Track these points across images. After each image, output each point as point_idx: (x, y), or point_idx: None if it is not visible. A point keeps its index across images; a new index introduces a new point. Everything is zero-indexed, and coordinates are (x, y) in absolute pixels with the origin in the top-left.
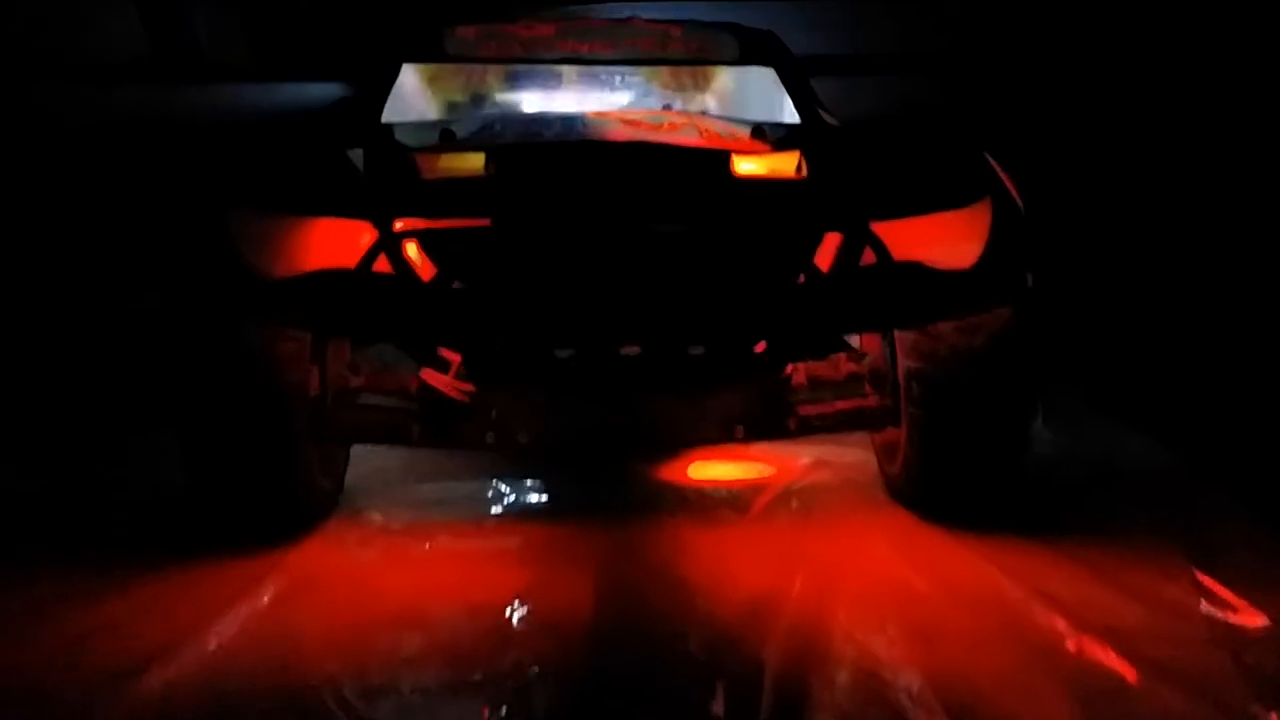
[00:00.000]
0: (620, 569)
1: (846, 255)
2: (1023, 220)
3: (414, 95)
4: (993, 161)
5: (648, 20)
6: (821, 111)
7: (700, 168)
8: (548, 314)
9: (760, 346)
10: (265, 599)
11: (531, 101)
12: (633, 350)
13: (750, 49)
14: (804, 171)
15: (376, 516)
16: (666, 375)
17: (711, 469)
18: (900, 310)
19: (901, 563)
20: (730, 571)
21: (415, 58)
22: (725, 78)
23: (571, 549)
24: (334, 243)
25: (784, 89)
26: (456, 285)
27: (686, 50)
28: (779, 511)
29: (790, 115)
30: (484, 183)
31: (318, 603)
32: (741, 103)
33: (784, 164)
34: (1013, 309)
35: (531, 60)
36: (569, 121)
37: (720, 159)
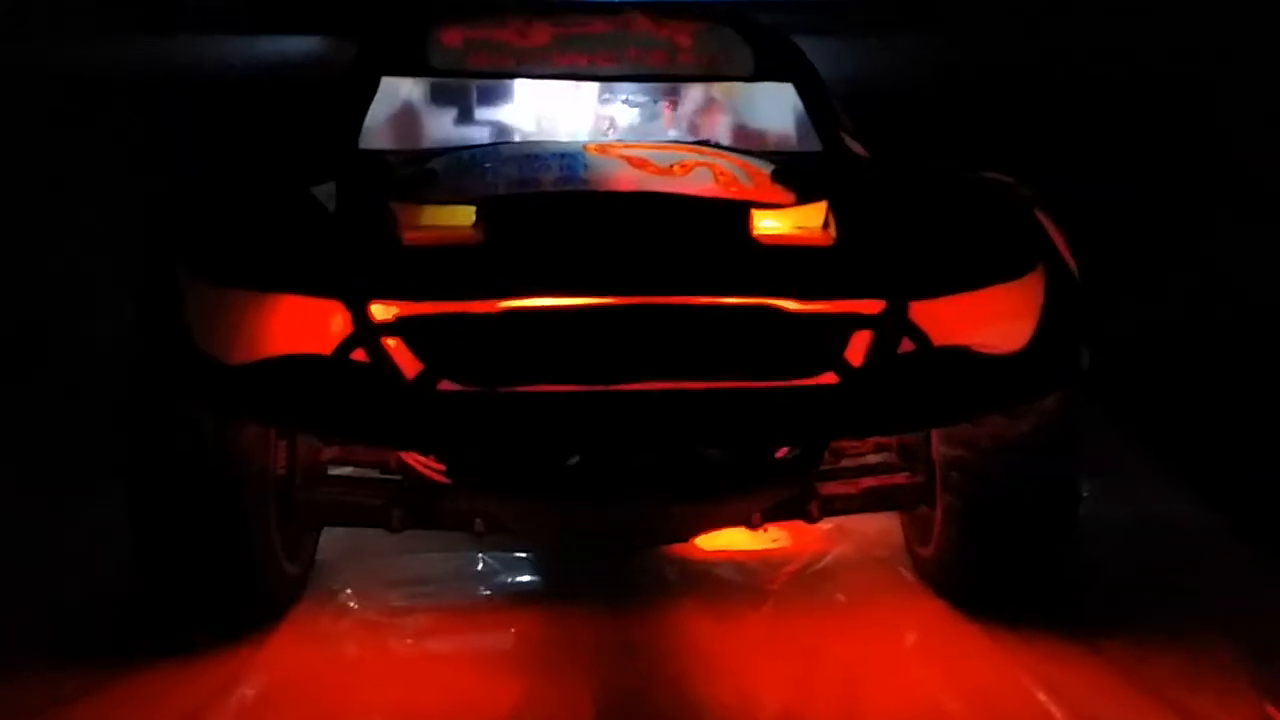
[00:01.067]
0: (624, 676)
1: (882, 344)
2: (1078, 289)
3: (395, 109)
4: (1043, 217)
5: (647, 15)
6: (845, 136)
7: (717, 231)
8: (549, 425)
9: (783, 452)
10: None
11: (527, 118)
12: (643, 456)
13: (766, 60)
14: (832, 230)
15: (351, 602)
16: (679, 485)
17: (721, 537)
18: (944, 410)
19: (933, 671)
20: (745, 679)
21: (395, 69)
22: (739, 90)
23: (570, 646)
24: (301, 321)
25: (804, 108)
26: (444, 384)
27: (697, 64)
28: (797, 597)
29: (810, 138)
30: (473, 253)
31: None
32: (757, 119)
33: (810, 218)
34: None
35: (526, 75)
36: (569, 162)
37: (739, 217)
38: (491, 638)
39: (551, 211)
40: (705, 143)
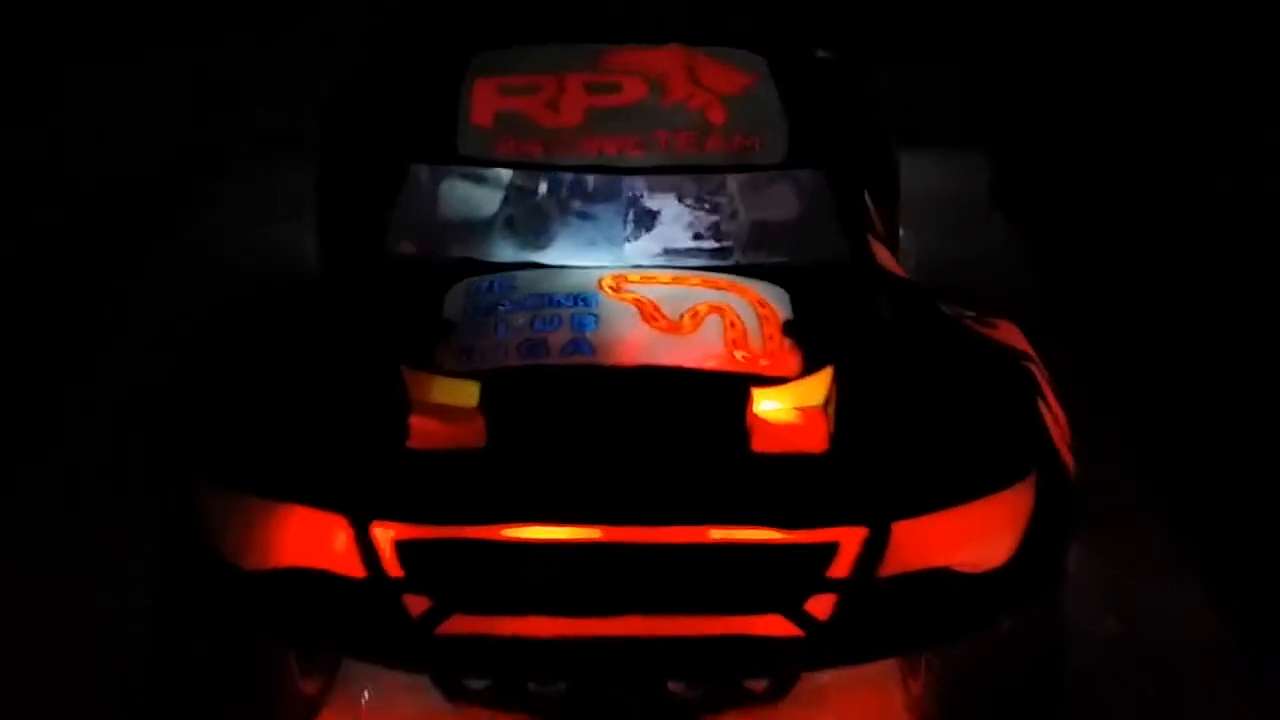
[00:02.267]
0: None
1: (861, 572)
2: (1071, 491)
3: (421, 198)
4: (1045, 408)
5: (685, 62)
6: (872, 240)
7: (713, 441)
8: (538, 663)
9: (760, 688)
10: None
11: (556, 212)
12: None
13: (801, 139)
14: (827, 421)
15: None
16: (655, 713)
17: None
18: (921, 637)
19: None
20: None
21: (424, 156)
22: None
23: None
24: (309, 531)
25: (834, 204)
26: (441, 612)
27: (726, 149)
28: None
29: (838, 242)
30: (472, 464)
31: None
32: (787, 209)
33: (811, 395)
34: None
35: (551, 166)
36: (580, 316)
37: (737, 410)
38: None
39: (548, 408)
40: (727, 254)
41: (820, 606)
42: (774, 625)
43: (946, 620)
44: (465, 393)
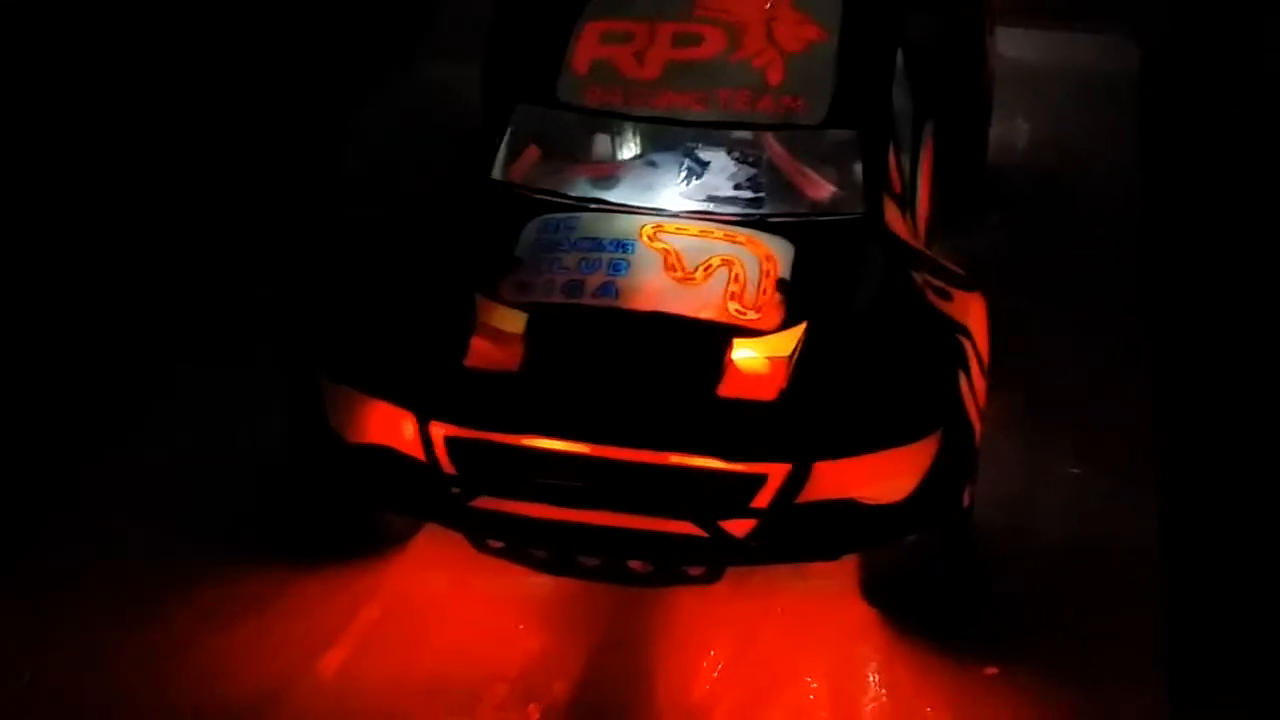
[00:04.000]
0: (616, 629)
1: (784, 497)
2: (973, 445)
3: (528, 135)
4: (964, 377)
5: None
6: (888, 199)
7: (689, 384)
8: (537, 535)
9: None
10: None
11: (621, 168)
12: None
13: (843, 100)
14: (788, 369)
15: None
16: (612, 579)
17: None
18: (828, 548)
19: None
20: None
21: (528, 96)
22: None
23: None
24: (388, 419)
25: (859, 158)
26: (472, 492)
27: (775, 109)
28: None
29: (856, 199)
30: (509, 385)
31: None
32: (821, 163)
33: (781, 347)
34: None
35: (626, 117)
36: (617, 261)
37: (716, 357)
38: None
39: (571, 342)
40: (760, 204)
41: (745, 524)
42: (722, 529)
43: (847, 539)
44: (515, 321)
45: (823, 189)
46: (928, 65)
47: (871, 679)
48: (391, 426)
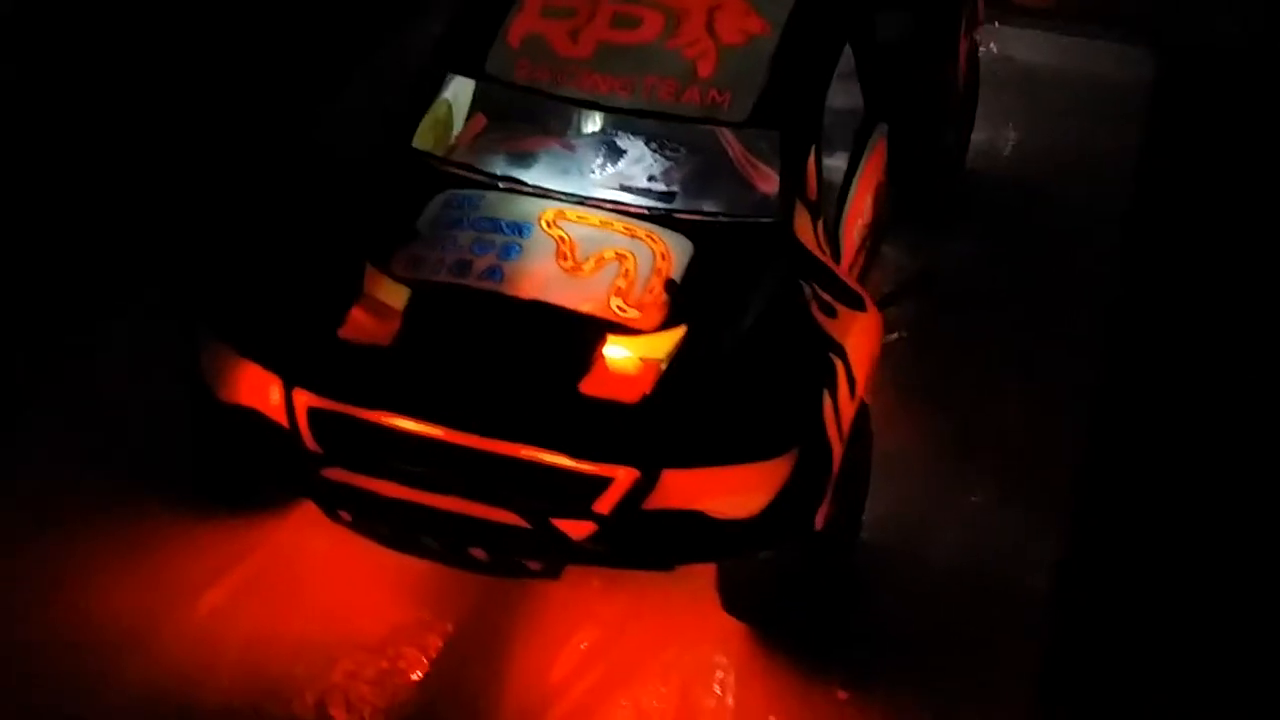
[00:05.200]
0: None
1: (630, 501)
2: (829, 467)
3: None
4: (829, 398)
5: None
6: (800, 205)
7: (554, 378)
8: (387, 515)
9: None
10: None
11: (540, 148)
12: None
13: (770, 97)
14: (656, 373)
15: None
16: (454, 562)
17: None
18: (670, 558)
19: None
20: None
21: (457, 67)
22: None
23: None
24: (259, 380)
25: (778, 160)
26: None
27: (700, 104)
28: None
29: (771, 203)
30: (377, 360)
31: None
32: (743, 164)
33: (656, 349)
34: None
35: (553, 95)
36: (510, 244)
37: (587, 351)
38: None
39: (445, 323)
40: (671, 198)
41: (586, 525)
42: (554, 527)
43: (692, 550)
44: (398, 296)
45: (741, 188)
46: (888, 65)
47: (716, 687)
48: (260, 389)
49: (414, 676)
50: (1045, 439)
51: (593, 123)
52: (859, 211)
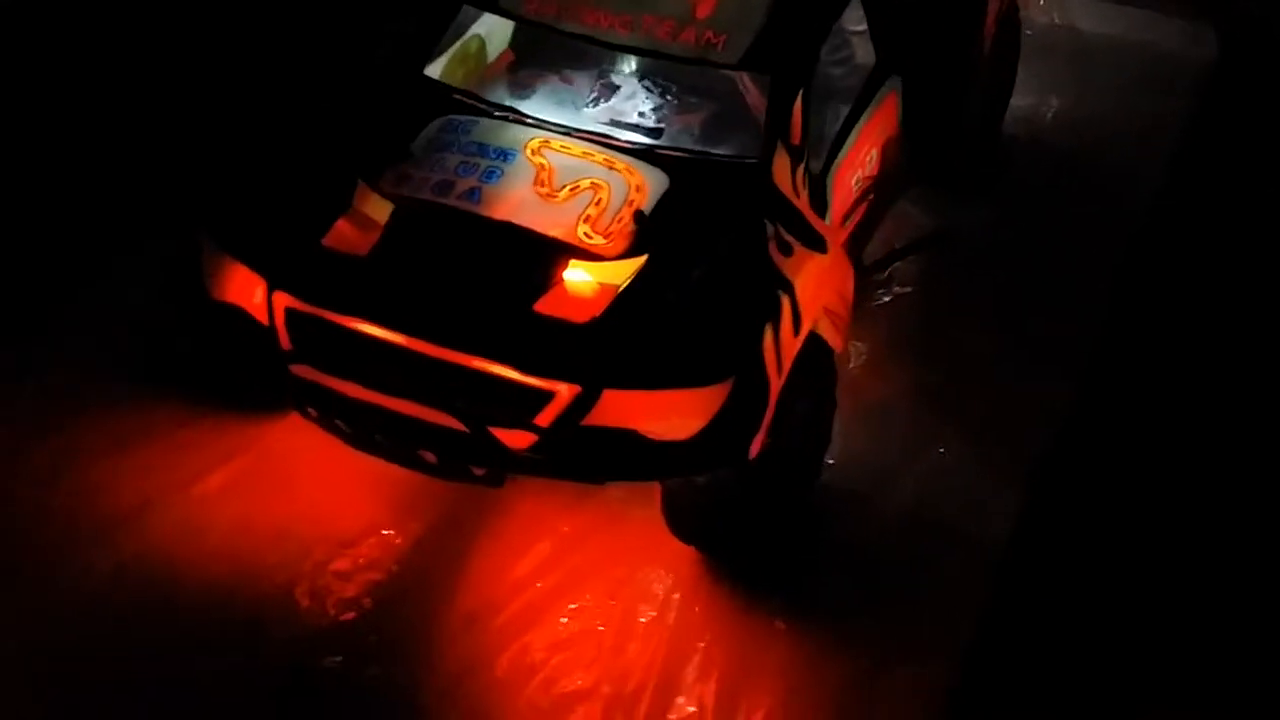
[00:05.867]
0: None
1: (570, 417)
2: (765, 399)
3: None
4: (771, 332)
5: None
6: (782, 147)
7: (514, 295)
8: (347, 412)
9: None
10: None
11: (538, 79)
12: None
13: (767, 40)
14: (611, 295)
15: None
16: (407, 461)
17: None
18: (607, 474)
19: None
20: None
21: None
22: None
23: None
24: (246, 280)
25: (769, 106)
26: (296, 359)
27: (696, 44)
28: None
29: (755, 144)
30: (354, 270)
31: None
32: (734, 107)
33: (616, 275)
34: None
35: (557, 29)
36: (493, 168)
37: (552, 270)
38: None
39: (420, 238)
40: (658, 134)
41: (527, 436)
42: (493, 435)
43: (626, 467)
44: (382, 210)
45: (726, 129)
46: (904, 19)
47: (656, 607)
48: (247, 290)
49: (376, 573)
50: (1025, 405)
51: (594, 58)
52: (858, 163)
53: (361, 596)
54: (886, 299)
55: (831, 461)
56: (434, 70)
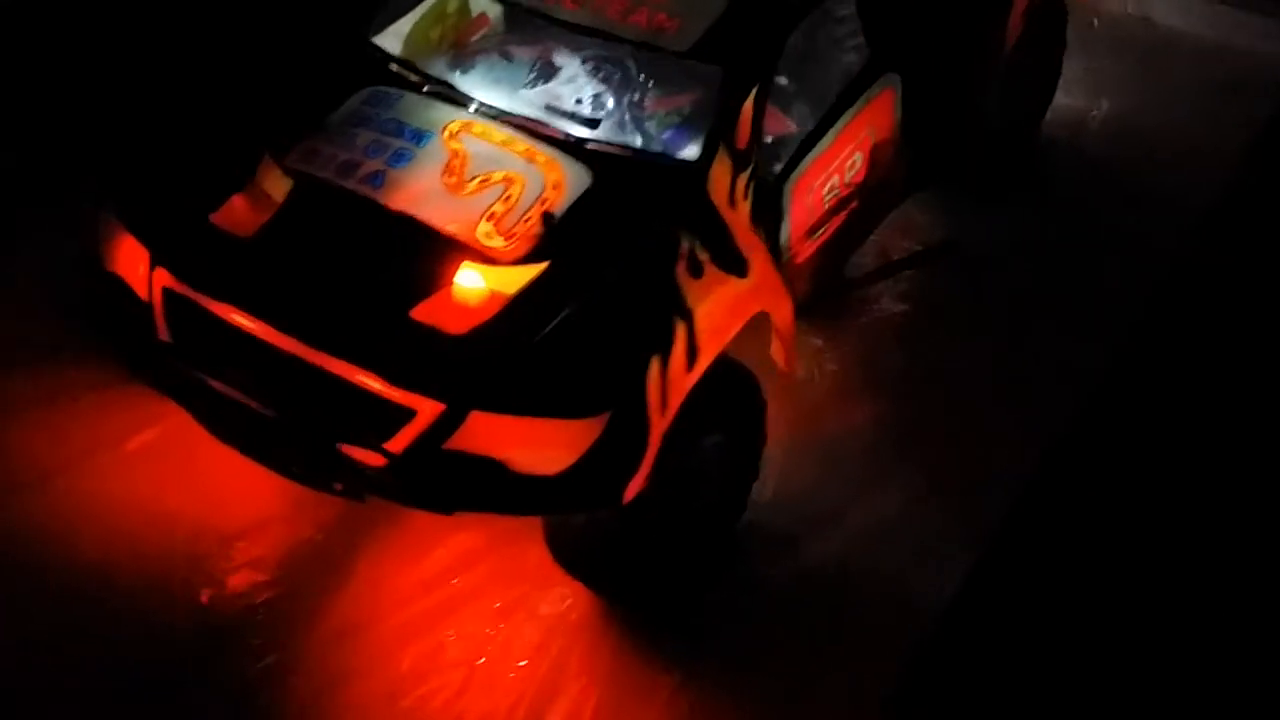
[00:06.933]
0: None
1: (434, 433)
2: (645, 437)
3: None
4: (658, 365)
5: None
6: (724, 149)
7: (391, 301)
8: (202, 392)
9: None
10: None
11: (480, 54)
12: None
13: (719, 32)
14: (501, 303)
15: None
16: (271, 463)
17: None
18: (465, 504)
19: None
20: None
21: None
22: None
23: None
24: (135, 252)
25: (713, 100)
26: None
27: (647, 27)
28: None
29: (696, 142)
30: (236, 252)
31: None
32: (679, 95)
33: (509, 282)
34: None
35: (507, 1)
36: (404, 150)
37: (441, 270)
38: None
39: (311, 222)
40: (594, 125)
41: (381, 455)
42: (351, 451)
43: (485, 499)
44: (281, 188)
45: (666, 125)
46: (904, 11)
47: (540, 633)
48: (132, 262)
49: (261, 570)
50: (1002, 454)
51: (533, 34)
52: (835, 169)
53: (243, 591)
54: (864, 319)
55: (759, 499)
56: (402, 28)
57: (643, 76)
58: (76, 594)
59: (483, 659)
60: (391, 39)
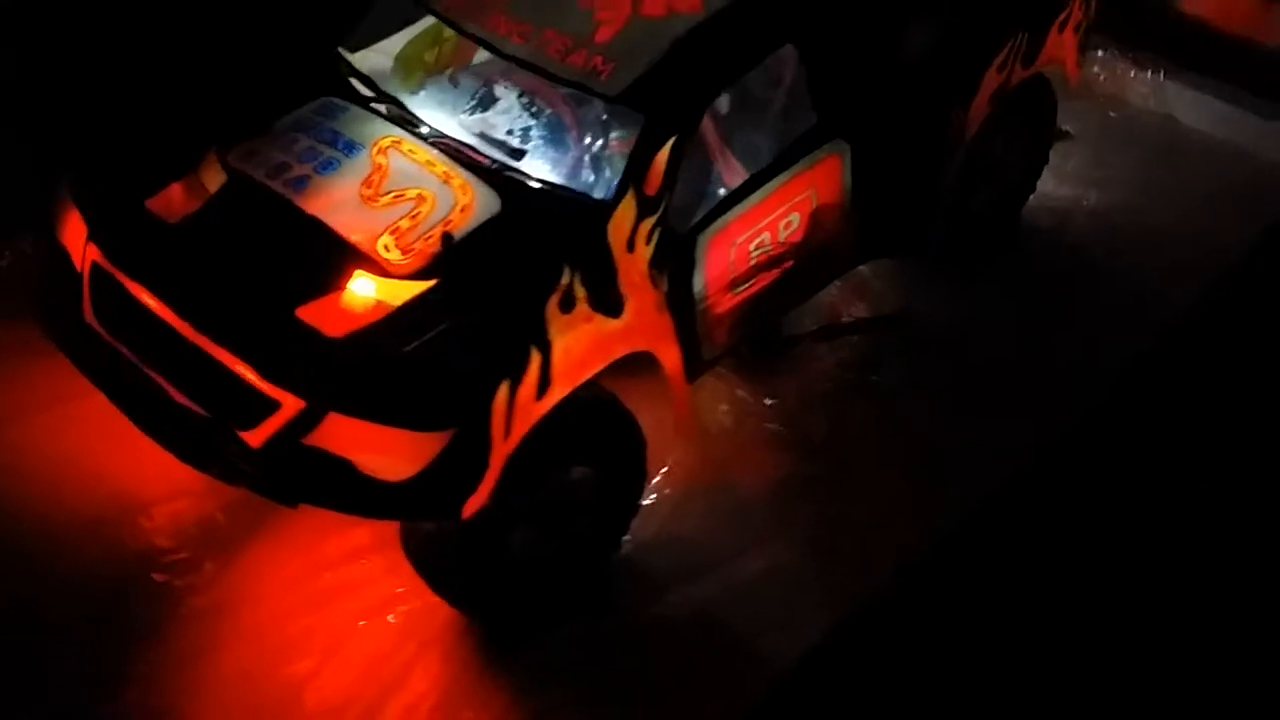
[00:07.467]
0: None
1: (294, 428)
2: (485, 458)
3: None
4: (506, 390)
5: None
6: (633, 193)
7: (294, 286)
8: (105, 365)
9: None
10: None
11: (431, 77)
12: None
13: (648, 81)
14: (387, 310)
15: None
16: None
17: None
18: (306, 494)
19: None
20: None
21: None
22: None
23: None
24: (78, 230)
25: (632, 150)
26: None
27: (581, 67)
28: None
29: (609, 186)
30: (161, 237)
31: None
32: (605, 142)
33: (397, 294)
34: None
35: (460, 29)
36: (332, 159)
37: (334, 275)
38: None
39: (232, 217)
40: (519, 156)
41: (246, 441)
42: (219, 435)
43: (331, 497)
44: (215, 181)
45: (585, 166)
46: (858, 81)
47: (398, 631)
48: (75, 234)
49: (169, 538)
50: (899, 529)
51: (496, 67)
52: (764, 225)
53: (139, 558)
54: (798, 378)
55: (642, 537)
56: (388, 46)
57: (570, 116)
58: None
59: (341, 648)
60: (376, 56)
